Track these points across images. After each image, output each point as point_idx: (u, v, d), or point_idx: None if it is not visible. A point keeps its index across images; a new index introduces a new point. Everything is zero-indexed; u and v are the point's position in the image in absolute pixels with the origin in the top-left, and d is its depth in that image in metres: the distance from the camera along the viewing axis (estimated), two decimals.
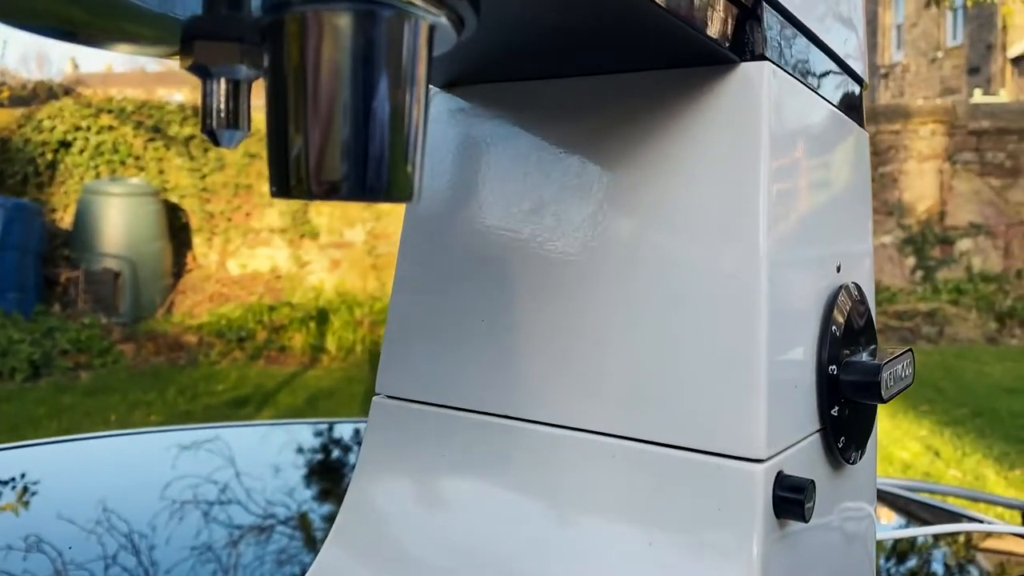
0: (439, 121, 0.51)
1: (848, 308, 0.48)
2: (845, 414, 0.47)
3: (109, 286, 6.03)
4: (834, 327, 0.46)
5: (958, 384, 4.85)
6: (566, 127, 0.47)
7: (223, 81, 0.28)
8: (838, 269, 0.49)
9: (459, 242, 0.50)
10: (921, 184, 7.19)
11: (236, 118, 0.29)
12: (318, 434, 1.20)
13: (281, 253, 6.74)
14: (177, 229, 6.66)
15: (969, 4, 8.09)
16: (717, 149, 0.42)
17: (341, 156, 0.25)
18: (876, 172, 6.98)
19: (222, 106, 0.28)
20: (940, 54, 17.31)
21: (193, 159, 6.77)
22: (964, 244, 7.16)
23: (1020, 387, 4.75)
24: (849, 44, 0.52)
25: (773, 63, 0.42)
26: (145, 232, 6.19)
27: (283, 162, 0.25)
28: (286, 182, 0.26)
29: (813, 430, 0.45)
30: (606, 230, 0.45)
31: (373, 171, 0.25)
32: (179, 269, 6.66)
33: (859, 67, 0.54)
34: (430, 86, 0.49)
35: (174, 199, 6.72)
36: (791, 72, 0.44)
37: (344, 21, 0.24)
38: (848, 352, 0.47)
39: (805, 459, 0.44)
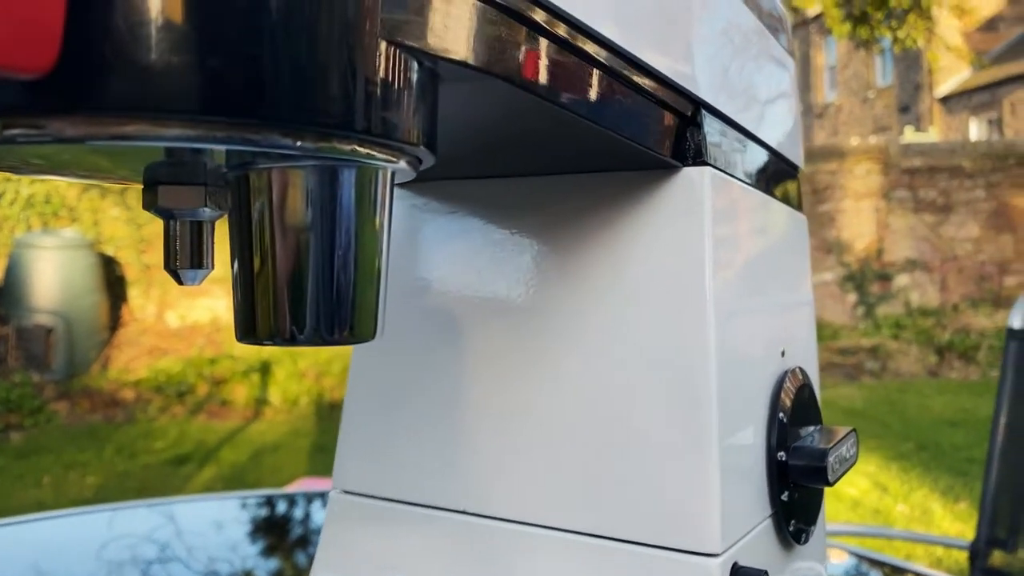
0: (395, 217, 0.52)
1: (794, 392, 0.50)
2: (795, 498, 0.49)
3: (41, 342, 5.85)
4: (781, 413, 0.48)
5: (903, 418, 4.95)
6: (519, 224, 0.48)
7: (187, 222, 0.29)
8: (783, 354, 0.51)
9: (414, 336, 0.51)
10: (858, 222, 7.38)
11: (200, 258, 0.29)
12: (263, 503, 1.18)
13: (222, 303, 6.62)
14: (113, 282, 6.50)
15: (896, 50, 8.40)
16: (664, 250, 0.44)
17: (306, 306, 0.26)
18: (815, 211, 7.15)
19: (186, 247, 0.29)
20: (872, 94, 17.91)
21: (129, 209, 6.63)
22: (902, 280, 7.36)
23: (961, 419, 4.86)
24: (785, 136, 0.55)
25: (713, 166, 0.44)
26: (79, 285, 6.03)
27: (249, 310, 0.26)
28: (252, 329, 0.26)
29: (764, 516, 0.47)
30: (559, 327, 0.46)
31: (337, 318, 0.26)
32: (115, 323, 6.50)
33: (795, 155, 0.57)
34: None
35: (110, 251, 6.57)
36: (731, 172, 0.46)
37: (307, 178, 0.25)
38: (795, 436, 0.49)
39: (758, 546, 0.45)
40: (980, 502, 1.50)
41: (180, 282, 0.29)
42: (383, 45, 0.25)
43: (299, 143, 0.23)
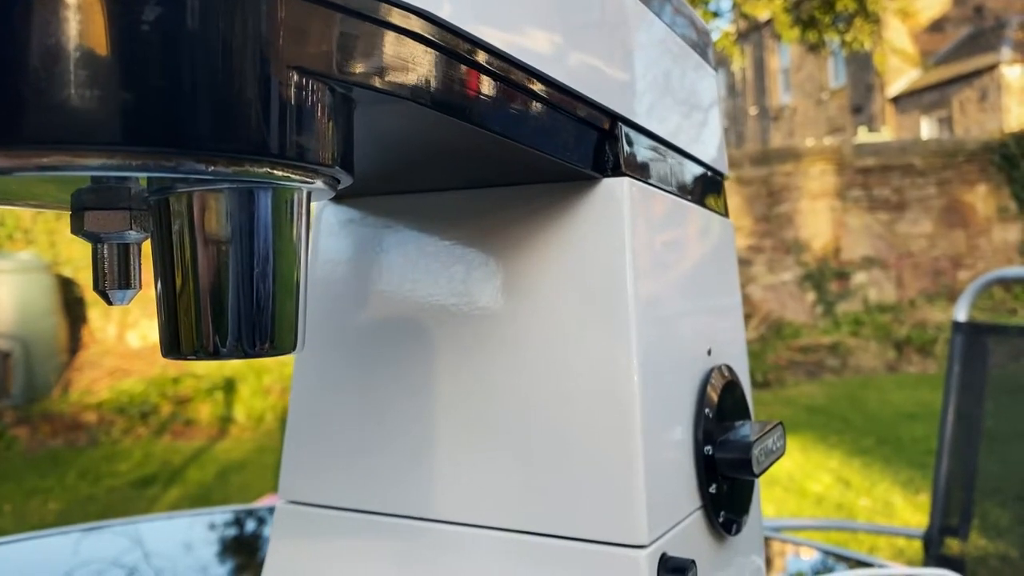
0: (331, 232, 0.54)
1: (720, 388, 0.52)
2: (723, 490, 0.51)
3: None
4: (707, 408, 0.50)
5: (864, 413, 5.04)
6: (451, 236, 0.50)
7: (114, 245, 0.30)
8: (709, 352, 0.53)
9: (355, 346, 0.52)
10: (815, 221, 7.50)
11: (127, 279, 0.31)
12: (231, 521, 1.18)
13: None
14: (72, 303, 6.40)
15: (845, 54, 8.56)
16: (588, 257, 0.46)
17: (227, 321, 0.27)
18: (772, 212, 7.25)
19: (114, 269, 0.30)
20: (825, 95, 18.19)
21: None
22: (860, 277, 7.48)
23: (919, 413, 4.95)
24: (708, 145, 0.57)
25: (632, 177, 0.46)
26: (37, 308, 5.93)
27: (173, 327, 0.28)
28: (176, 345, 0.28)
29: (694, 508, 0.49)
30: (491, 334, 0.48)
31: (258, 332, 0.28)
32: (75, 345, 6.40)
33: (719, 163, 0.59)
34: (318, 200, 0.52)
35: (67, 272, 6.47)
36: (652, 181, 0.48)
37: (224, 200, 0.27)
38: (722, 430, 0.51)
39: (688, 537, 0.47)
40: (932, 491, 1.54)
41: (109, 302, 0.31)
42: (293, 74, 0.26)
43: (212, 168, 0.25)
